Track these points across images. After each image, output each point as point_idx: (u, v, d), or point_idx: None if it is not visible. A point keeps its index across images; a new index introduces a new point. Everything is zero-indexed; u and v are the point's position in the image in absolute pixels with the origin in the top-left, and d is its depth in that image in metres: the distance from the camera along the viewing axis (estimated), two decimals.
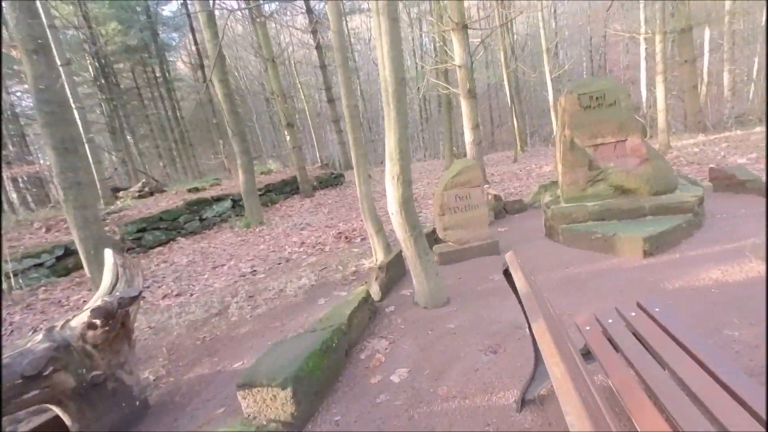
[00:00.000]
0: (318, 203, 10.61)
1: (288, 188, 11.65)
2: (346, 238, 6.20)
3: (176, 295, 4.64)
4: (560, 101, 4.75)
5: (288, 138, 11.23)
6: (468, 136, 8.46)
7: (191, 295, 4.63)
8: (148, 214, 8.00)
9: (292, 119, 11.16)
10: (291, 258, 5.60)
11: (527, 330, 2.72)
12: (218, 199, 9.39)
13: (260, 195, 10.44)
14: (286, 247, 6.19)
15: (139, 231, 7.61)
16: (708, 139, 8.96)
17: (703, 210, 4.10)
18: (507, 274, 1.83)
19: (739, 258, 3.13)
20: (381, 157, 26.78)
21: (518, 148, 14.24)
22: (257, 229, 8.02)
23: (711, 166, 5.21)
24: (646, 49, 14.46)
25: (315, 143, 16.24)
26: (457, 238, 4.35)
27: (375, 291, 3.55)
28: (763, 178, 4.60)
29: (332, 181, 12.83)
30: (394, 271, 3.95)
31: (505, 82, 14.17)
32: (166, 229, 8.09)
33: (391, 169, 2.90)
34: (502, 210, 6.01)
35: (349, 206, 9.61)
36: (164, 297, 4.61)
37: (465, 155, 9.32)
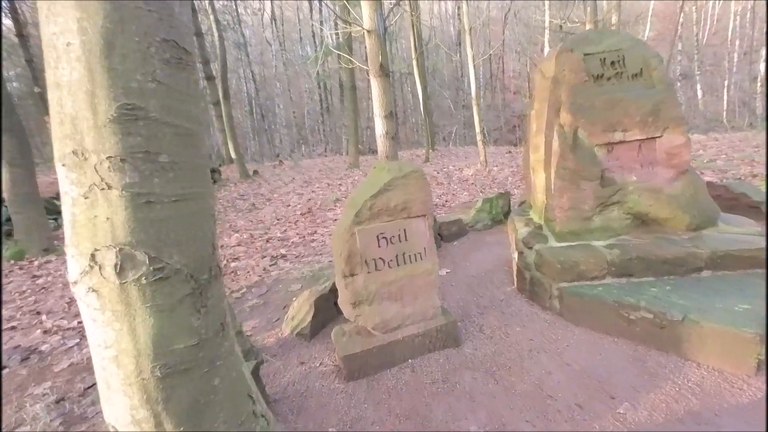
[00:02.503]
0: None
1: None
2: None
3: None
4: (543, 69, 2.88)
5: None
6: (379, 127, 6.24)
7: None
8: None
9: None
10: (41, 349, 2.73)
11: None
12: None
13: None
14: (48, 316, 3.23)
15: None
16: None
17: None
18: None
19: None
20: (279, 150, 23.53)
21: (429, 147, 12.80)
22: (35, 264, 4.71)
23: (708, 179, 3.97)
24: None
25: None
26: (382, 320, 2.14)
27: None
28: None
29: None
30: None
31: (415, 70, 12.53)
32: None
33: None
34: (437, 236, 4.03)
35: (221, 218, 6.74)
36: None
37: (371, 151, 7.22)
